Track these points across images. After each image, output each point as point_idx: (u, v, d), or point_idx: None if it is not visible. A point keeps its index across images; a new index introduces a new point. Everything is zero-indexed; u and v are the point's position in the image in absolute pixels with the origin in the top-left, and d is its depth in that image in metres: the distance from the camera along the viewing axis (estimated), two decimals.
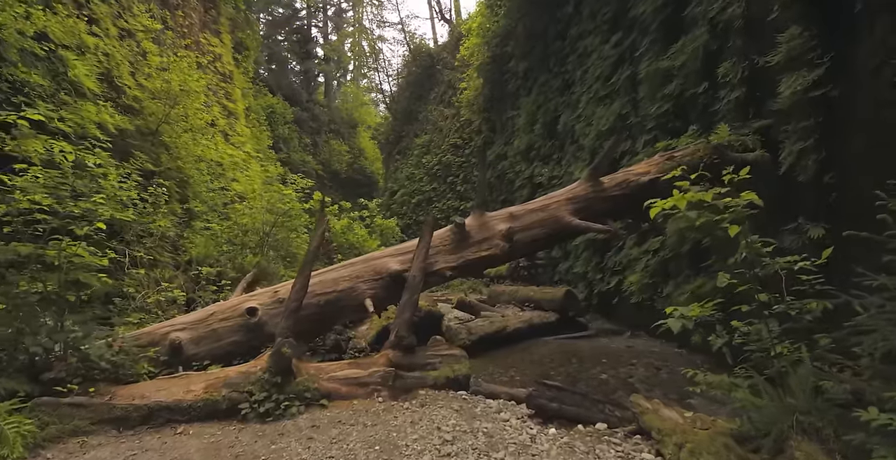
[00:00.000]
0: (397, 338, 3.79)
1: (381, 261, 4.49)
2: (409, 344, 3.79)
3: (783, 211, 4.64)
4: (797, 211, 4.57)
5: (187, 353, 3.93)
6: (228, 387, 3.34)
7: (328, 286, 4.35)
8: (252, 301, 4.18)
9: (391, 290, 4.24)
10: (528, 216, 4.68)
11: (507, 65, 16.41)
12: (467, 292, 11.76)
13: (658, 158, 4.92)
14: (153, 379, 3.58)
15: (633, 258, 7.74)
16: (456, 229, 4.55)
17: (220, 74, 15.65)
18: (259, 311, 4.07)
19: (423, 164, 25.03)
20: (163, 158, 9.00)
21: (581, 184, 4.82)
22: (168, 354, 3.86)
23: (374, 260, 4.54)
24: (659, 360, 5.66)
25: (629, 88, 8.66)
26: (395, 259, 4.49)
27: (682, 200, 3.25)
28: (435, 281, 4.47)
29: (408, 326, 3.82)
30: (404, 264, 4.35)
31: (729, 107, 5.69)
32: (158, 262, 8.49)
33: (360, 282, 4.30)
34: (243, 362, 3.76)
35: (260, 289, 5.03)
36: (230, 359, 4.01)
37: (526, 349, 6.60)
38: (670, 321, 3.14)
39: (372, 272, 4.38)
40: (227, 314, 4.16)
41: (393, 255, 4.57)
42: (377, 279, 4.34)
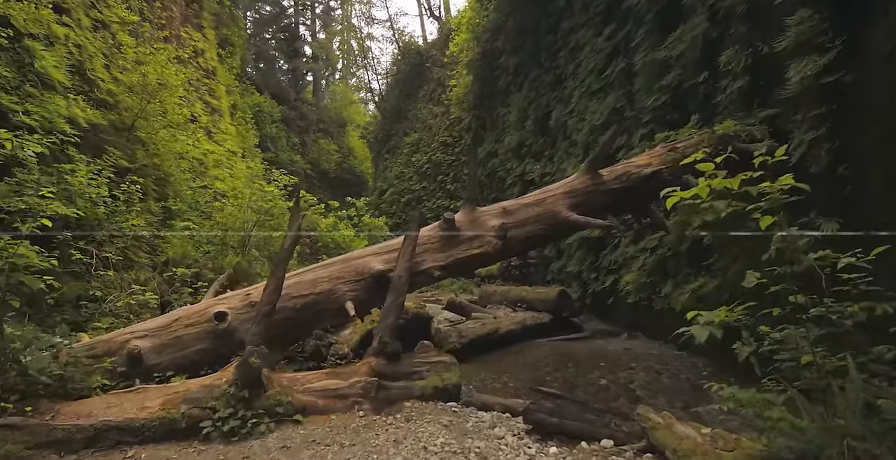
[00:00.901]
0: (380, 345, 3.45)
1: (364, 261, 4.14)
2: (393, 351, 3.45)
3: (793, 205, 4.36)
4: (809, 205, 4.29)
5: (148, 363, 3.54)
6: (189, 403, 2.96)
7: (305, 288, 3.98)
8: (221, 305, 3.80)
9: (374, 292, 3.89)
10: (523, 211, 4.36)
11: (497, 61, 16.13)
12: (458, 292, 11.45)
13: (660, 149, 4.63)
14: (107, 393, 3.20)
15: (629, 256, 7.47)
16: (445, 225, 4.21)
17: (203, 70, 15.20)
18: (229, 316, 3.69)
19: (413, 163, 24.75)
20: (138, 155, 8.59)
21: (579, 177, 4.51)
22: (126, 365, 3.47)
23: (356, 259, 4.18)
24: (659, 364, 5.38)
25: (624, 81, 8.39)
26: (379, 258, 4.13)
27: (704, 189, 2.88)
28: (422, 281, 4.13)
29: (392, 331, 3.48)
30: (389, 264, 4.00)
31: (731, 97, 5.41)
32: (134, 263, 8.09)
33: (340, 283, 3.94)
34: (211, 372, 3.38)
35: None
36: (196, 370, 3.63)
37: (519, 352, 6.30)
38: (695, 329, 2.77)
39: (353, 272, 4.03)
40: (193, 319, 3.77)
41: (376, 254, 4.21)
42: (359, 280, 3.99)
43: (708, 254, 5.64)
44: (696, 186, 3.38)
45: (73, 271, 6.68)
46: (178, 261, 7.54)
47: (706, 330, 2.65)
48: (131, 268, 8.09)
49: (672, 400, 4.17)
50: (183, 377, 3.45)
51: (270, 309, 3.38)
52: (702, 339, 2.64)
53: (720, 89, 5.64)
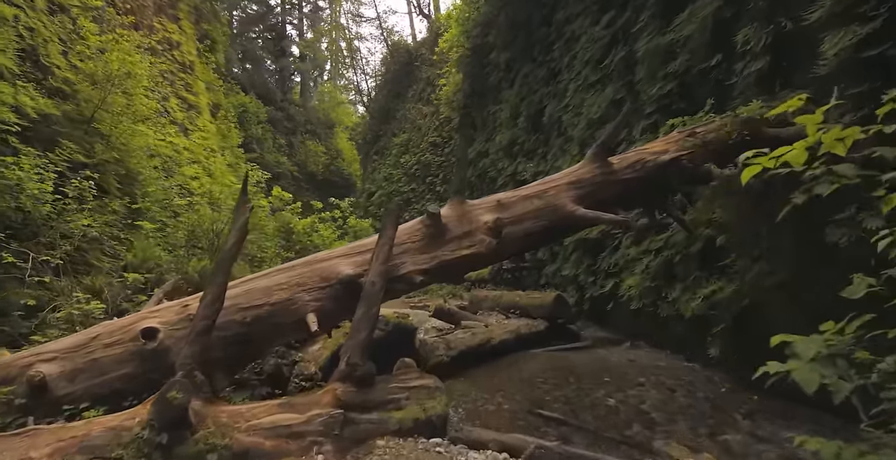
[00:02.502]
0: (348, 368, 2.80)
1: (330, 264, 3.45)
2: (364, 374, 2.80)
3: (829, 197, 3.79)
4: (847, 198, 3.72)
5: (56, 393, 2.84)
6: (86, 453, 2.28)
7: (257, 297, 3.25)
8: (152, 319, 3.10)
9: (343, 302, 3.22)
10: (521, 204, 3.74)
11: (488, 57, 15.61)
12: (446, 297, 10.81)
13: (676, 135, 4.05)
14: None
15: (630, 258, 6.89)
16: (429, 221, 3.56)
17: (179, 63, 14.49)
18: (160, 333, 3.01)
19: (402, 164, 24.21)
20: (98, 149, 7.87)
21: (585, 166, 3.91)
22: (27, 396, 2.80)
23: (321, 262, 3.47)
24: (670, 378, 4.79)
25: (624, 71, 7.84)
26: (349, 260, 3.47)
27: (801, 153, 2.11)
28: (401, 288, 3.48)
29: (363, 350, 2.84)
30: (360, 267, 3.34)
31: (749, 80, 4.86)
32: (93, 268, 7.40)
33: (301, 291, 3.27)
34: (138, 403, 2.73)
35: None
36: (119, 401, 2.94)
37: (513, 364, 5.69)
38: (798, 373, 1.95)
39: (317, 278, 3.34)
40: (115, 337, 3.06)
41: (346, 256, 3.54)
42: (324, 287, 3.30)
43: (722, 254, 5.08)
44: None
45: (16, 277, 6.01)
46: (137, 265, 6.85)
47: (814, 374, 1.83)
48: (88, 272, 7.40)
49: (694, 425, 3.58)
50: (100, 410, 2.80)
51: (208, 324, 2.73)
52: (810, 389, 1.87)
53: (735, 72, 5.09)
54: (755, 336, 4.62)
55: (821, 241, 3.86)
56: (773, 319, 4.42)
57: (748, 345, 4.64)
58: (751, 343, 4.63)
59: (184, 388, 2.34)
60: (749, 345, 4.64)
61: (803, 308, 4.17)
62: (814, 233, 3.98)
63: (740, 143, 3.81)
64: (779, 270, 4.45)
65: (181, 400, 2.31)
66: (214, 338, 2.89)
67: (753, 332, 4.59)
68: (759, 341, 4.63)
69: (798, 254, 4.27)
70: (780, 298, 4.44)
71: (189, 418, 2.36)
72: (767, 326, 4.52)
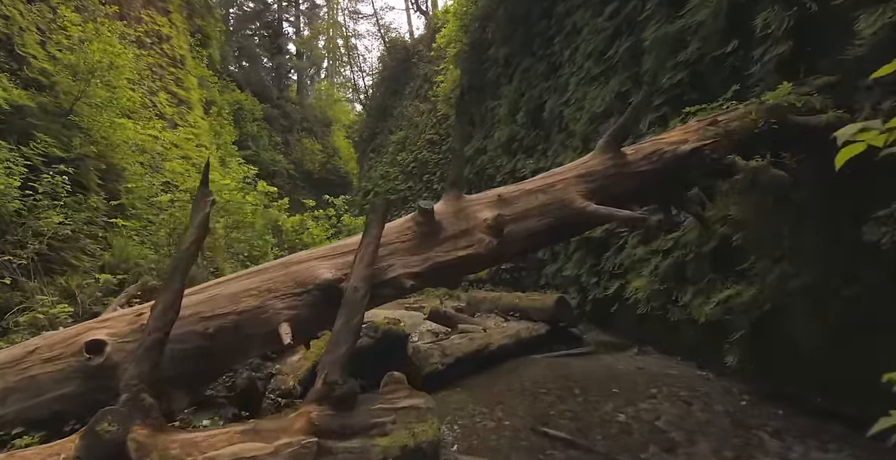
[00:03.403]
0: (326, 387, 2.41)
1: (307, 267, 3.00)
2: (344, 394, 2.41)
3: (867, 192, 3.43)
4: (890, 192, 3.36)
5: None
6: None
7: (222, 305, 2.81)
8: (100, 329, 2.69)
9: (321, 309, 2.82)
10: (524, 200, 3.33)
11: (486, 52, 15.25)
12: (443, 299, 10.44)
13: (695, 124, 3.68)
14: None
15: (637, 259, 6.53)
16: (420, 218, 3.18)
17: (169, 58, 14.07)
18: (108, 347, 2.59)
19: (398, 162, 23.88)
20: (75, 142, 7.46)
21: (596, 157, 3.51)
22: None
23: (297, 264, 3.06)
24: (684, 389, 4.43)
25: (629, 62, 7.48)
26: (329, 262, 3.03)
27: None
28: (389, 294, 3.07)
29: (343, 366, 2.46)
30: (342, 270, 2.93)
31: (769, 67, 4.50)
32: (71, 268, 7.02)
33: (273, 297, 2.85)
34: (81, 427, 2.35)
35: None
36: (59, 425, 2.53)
37: (513, 371, 5.34)
38: None
39: (292, 282, 2.90)
40: (56, 351, 2.62)
41: (326, 257, 3.11)
42: (300, 293, 2.87)
43: (738, 255, 4.73)
44: None
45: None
46: (114, 265, 6.46)
47: None
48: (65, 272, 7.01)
49: (718, 446, 3.21)
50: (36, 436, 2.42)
51: (160, 338, 2.33)
52: None
53: (753, 60, 4.73)
54: (777, 344, 4.27)
55: (856, 240, 3.50)
56: (796, 326, 4.06)
57: (769, 353, 4.29)
58: (772, 351, 4.28)
59: (119, 418, 1.95)
60: (770, 353, 4.29)
61: (832, 314, 3.82)
62: (847, 231, 3.62)
63: (767, 133, 3.44)
64: (804, 272, 4.09)
65: (114, 433, 1.91)
66: (172, 352, 2.51)
67: (775, 340, 4.24)
68: (781, 349, 4.30)
69: (827, 255, 3.91)
70: (805, 303, 4.08)
71: (127, 453, 1.96)
72: (790, 334, 4.18)
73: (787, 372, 4.14)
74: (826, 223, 3.87)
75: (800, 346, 4.00)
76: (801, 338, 3.99)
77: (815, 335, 3.92)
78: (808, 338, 3.94)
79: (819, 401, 3.85)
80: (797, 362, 4.04)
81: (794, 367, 4.07)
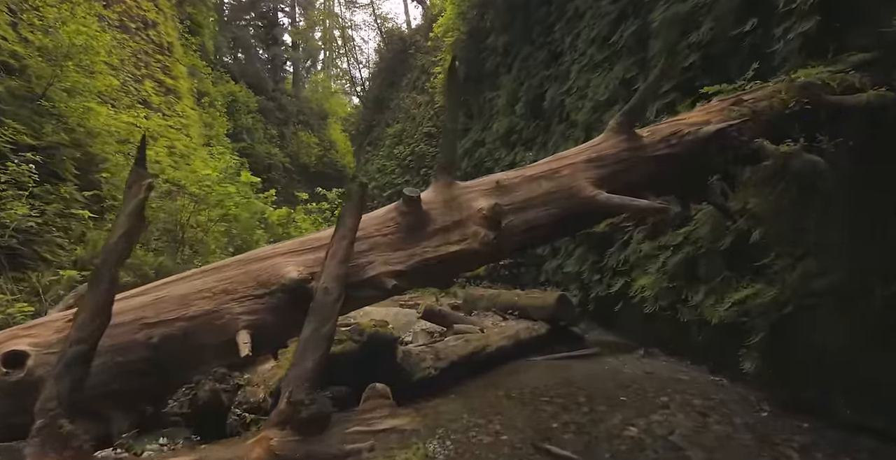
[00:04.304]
0: (290, 407, 2.01)
1: (271, 264, 2.61)
2: (312, 416, 2.02)
3: None
4: None
5: None
6: None
7: (170, 309, 2.42)
8: (24, 338, 2.29)
9: (287, 314, 2.42)
10: (526, 187, 2.92)
11: (484, 41, 14.87)
12: (438, 296, 10.07)
13: (718, 103, 3.28)
14: None
15: (643, 255, 6.16)
16: (405, 208, 2.77)
17: (156, 44, 13.60)
18: (30, 359, 2.21)
19: (395, 155, 23.53)
20: (47, 129, 7.05)
21: (608, 139, 3.09)
22: None
23: (260, 261, 2.65)
24: (698, 397, 4.07)
25: (635, 47, 7.09)
26: (297, 259, 2.63)
27: None
28: (368, 296, 2.66)
29: (312, 383, 2.06)
30: (312, 268, 2.54)
31: (794, 45, 4.10)
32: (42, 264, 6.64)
33: (230, 300, 2.44)
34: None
35: None
36: None
37: (512, 375, 4.97)
38: None
39: (253, 282, 2.52)
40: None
41: (293, 253, 2.69)
42: (261, 295, 2.48)
43: (756, 252, 4.35)
44: None
45: None
46: (87, 261, 6.08)
47: None
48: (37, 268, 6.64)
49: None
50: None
51: (84, 351, 1.91)
52: None
53: (775, 38, 4.33)
54: (800, 349, 3.90)
55: (893, 236, 3.14)
56: (823, 330, 3.69)
57: (791, 359, 3.92)
58: (795, 357, 3.91)
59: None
60: (792, 359, 3.92)
61: (865, 317, 3.45)
62: (884, 224, 3.25)
63: (798, 114, 3.05)
64: (831, 271, 3.72)
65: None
66: (110, 366, 2.13)
67: (798, 345, 3.87)
68: (805, 355, 3.93)
69: (857, 252, 3.54)
70: (832, 305, 3.71)
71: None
72: (816, 338, 3.82)
73: (811, 380, 3.77)
74: (859, 215, 3.50)
75: (827, 352, 3.63)
76: (829, 344, 3.62)
77: (845, 340, 3.55)
78: (837, 343, 3.57)
79: (848, 413, 3.49)
80: (823, 369, 3.67)
81: (820, 375, 3.70)
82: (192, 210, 6.73)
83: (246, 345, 2.24)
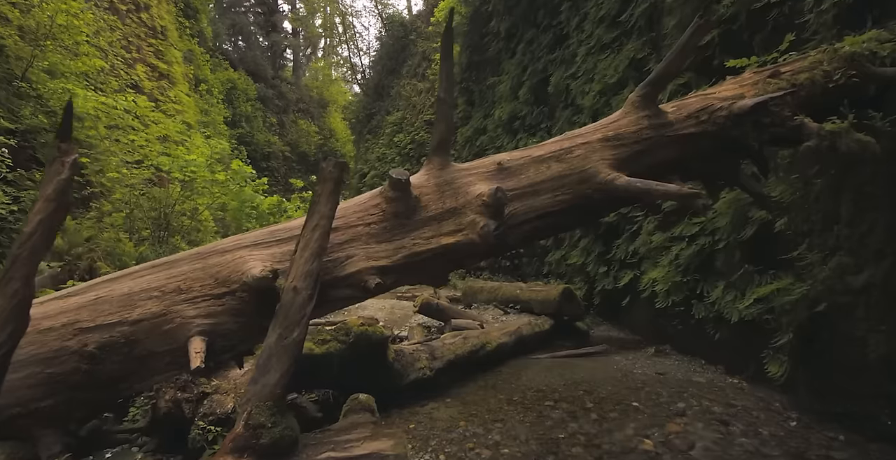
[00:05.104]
0: (249, 431, 1.65)
1: (233, 258, 2.20)
2: (275, 441, 1.67)
3: None
4: None
5: None
6: None
7: (110, 311, 2.01)
8: None
9: (250, 318, 2.05)
10: (533, 169, 2.50)
11: (487, 26, 14.39)
12: (436, 289, 9.72)
13: (751, 76, 2.88)
14: None
15: (654, 247, 5.79)
16: (392, 193, 2.35)
17: (148, 28, 13.16)
18: None
19: (396, 144, 23.08)
20: (25, 112, 6.67)
21: (628, 115, 2.68)
22: None
23: (219, 255, 2.24)
24: (717, 403, 3.73)
25: (646, 26, 6.67)
26: (264, 252, 2.22)
27: None
28: (346, 296, 2.25)
29: (277, 401, 1.70)
30: (282, 263, 2.16)
31: (827, 16, 3.69)
32: None
33: (182, 300, 2.04)
34: None
35: None
36: None
37: (514, 376, 4.65)
38: None
39: (210, 280, 2.12)
40: None
41: (260, 245, 2.28)
42: (220, 295, 2.08)
43: (782, 244, 3.99)
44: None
45: None
46: (64, 251, 5.73)
47: None
48: None
49: None
50: None
51: None
52: None
53: (804, 9, 3.92)
54: (834, 352, 3.55)
55: None
56: (861, 331, 3.33)
57: (823, 363, 3.56)
58: (827, 360, 3.56)
59: None
60: (824, 363, 3.56)
61: None
62: None
63: (844, 88, 2.66)
64: (867, 266, 3.35)
65: None
66: (34, 380, 1.78)
67: (832, 347, 3.51)
68: (839, 358, 3.58)
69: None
70: (869, 303, 3.35)
71: None
72: (853, 340, 3.46)
73: (848, 387, 3.42)
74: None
75: (866, 356, 3.27)
76: (869, 347, 3.26)
77: (887, 343, 3.19)
78: (878, 346, 3.21)
79: (889, 424, 3.14)
80: (862, 375, 3.31)
81: (859, 382, 3.34)
82: (178, 197, 6.36)
83: (198, 355, 1.87)
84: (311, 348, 3.14)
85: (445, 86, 2.40)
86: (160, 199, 6.37)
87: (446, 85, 2.40)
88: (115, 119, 8.15)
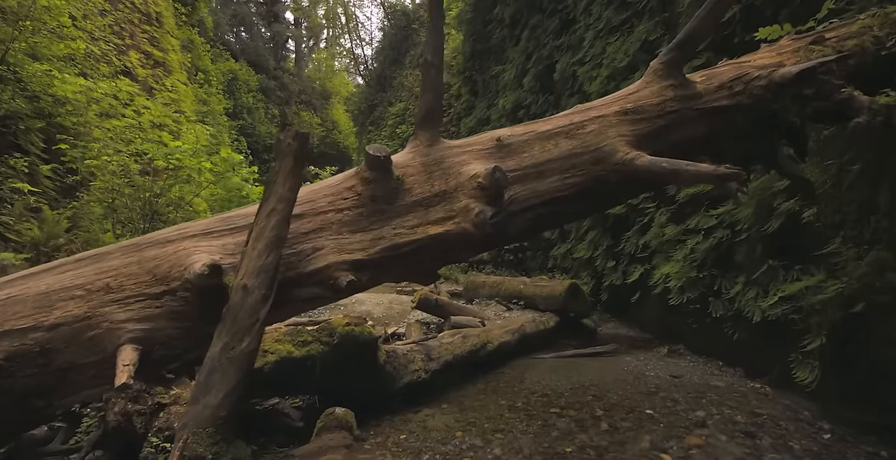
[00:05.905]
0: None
1: (174, 250, 1.83)
2: None
3: None
4: None
5: None
6: None
7: (22, 315, 1.67)
8: None
9: (193, 322, 1.70)
10: (538, 147, 2.08)
11: (491, 12, 13.99)
12: (436, 282, 9.38)
13: (791, 43, 2.49)
14: None
15: (666, 240, 5.43)
16: (369, 174, 1.98)
17: (142, 14, 12.80)
18: None
19: (398, 135, 22.78)
20: (4, 96, 6.35)
21: (648, 85, 2.27)
22: None
23: (158, 246, 1.87)
24: (740, 411, 3.40)
25: (658, 6, 6.27)
26: (213, 243, 1.85)
27: None
28: (312, 295, 1.84)
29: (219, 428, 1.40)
30: (233, 255, 1.87)
31: None
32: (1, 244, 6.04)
33: (111, 301, 1.69)
34: None
35: None
36: None
37: (516, 379, 4.33)
38: None
39: (147, 276, 1.76)
40: None
41: (210, 234, 1.91)
42: (158, 294, 1.73)
43: (810, 237, 3.62)
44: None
45: None
46: (42, 242, 5.43)
47: None
48: None
49: None
50: None
51: None
52: None
53: None
54: (874, 358, 3.20)
55: None
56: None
57: (861, 370, 3.21)
58: (866, 367, 3.21)
59: None
60: (863, 370, 3.21)
61: None
62: None
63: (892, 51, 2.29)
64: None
65: None
66: None
67: (870, 352, 3.15)
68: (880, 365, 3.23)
69: None
70: None
71: None
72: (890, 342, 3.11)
73: (886, 394, 3.07)
74: None
75: None
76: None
77: None
78: None
79: None
80: None
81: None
82: (162, 184, 6.04)
83: (127, 368, 1.52)
84: (290, 351, 2.82)
85: (434, 46, 2.03)
86: (144, 188, 6.05)
87: (435, 44, 2.04)
88: (100, 104, 7.81)
